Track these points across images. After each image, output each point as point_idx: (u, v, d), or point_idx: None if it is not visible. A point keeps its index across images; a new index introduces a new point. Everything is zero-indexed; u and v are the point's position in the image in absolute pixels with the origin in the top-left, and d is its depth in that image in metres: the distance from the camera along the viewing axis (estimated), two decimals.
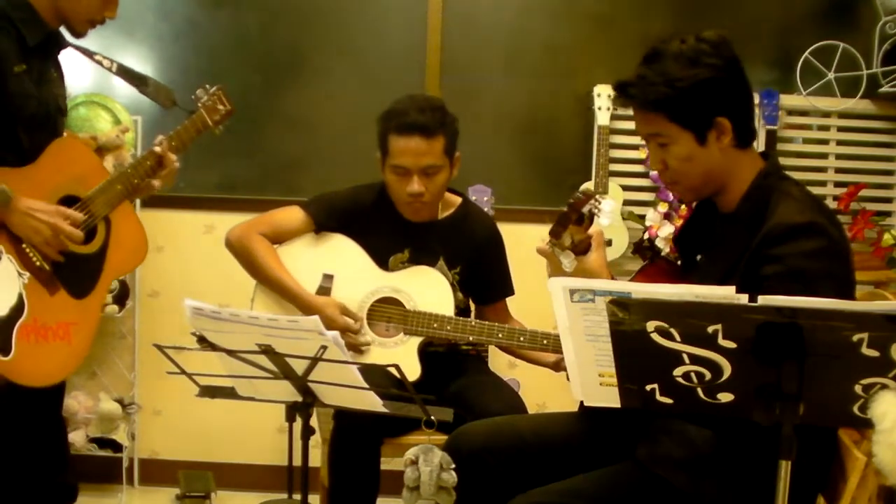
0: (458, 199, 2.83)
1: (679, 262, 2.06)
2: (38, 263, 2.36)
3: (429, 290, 2.67)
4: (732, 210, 1.86)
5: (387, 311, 2.68)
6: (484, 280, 2.81)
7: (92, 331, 2.48)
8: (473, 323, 2.62)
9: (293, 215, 2.75)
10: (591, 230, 1.85)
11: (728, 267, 1.78)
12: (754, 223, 1.77)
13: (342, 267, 2.71)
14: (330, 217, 2.75)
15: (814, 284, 1.64)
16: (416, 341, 2.64)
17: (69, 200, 2.44)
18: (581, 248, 1.86)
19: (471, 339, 2.62)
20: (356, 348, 2.61)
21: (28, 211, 2.33)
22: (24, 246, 2.35)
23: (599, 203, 1.83)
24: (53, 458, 2.69)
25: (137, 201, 3.50)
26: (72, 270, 2.43)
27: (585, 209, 1.82)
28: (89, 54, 2.65)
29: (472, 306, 2.89)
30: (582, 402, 1.98)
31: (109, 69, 2.66)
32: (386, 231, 2.74)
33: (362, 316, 2.67)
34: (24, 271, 2.35)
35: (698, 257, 1.99)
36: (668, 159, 1.86)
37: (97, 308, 2.51)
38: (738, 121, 1.84)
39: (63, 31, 2.54)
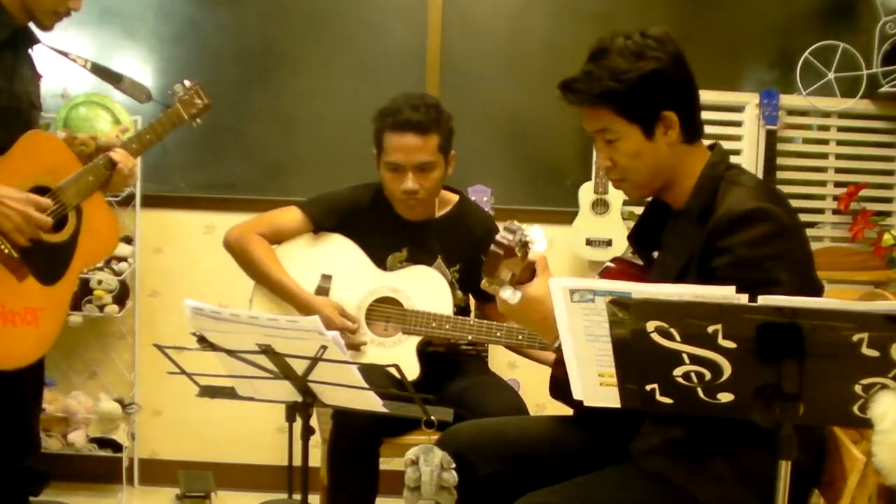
0: (456, 197, 2.84)
1: (637, 259, 2.06)
2: (6, 251, 2.42)
3: (427, 289, 2.67)
4: (683, 205, 1.87)
5: (385, 311, 2.68)
6: (481, 278, 2.81)
7: (62, 316, 2.56)
8: (472, 322, 2.62)
9: (291, 216, 2.76)
10: (532, 256, 1.80)
11: (683, 262, 1.79)
12: (704, 216, 1.78)
13: (340, 267, 2.72)
14: (328, 217, 2.76)
15: (764, 269, 1.66)
16: (414, 340, 2.64)
17: (40, 191, 2.48)
18: (525, 277, 1.79)
19: (469, 338, 2.63)
20: (353, 348, 2.61)
21: None
22: None
23: (527, 234, 1.76)
24: (20, 442, 2.70)
25: (137, 201, 3.51)
26: (41, 257, 2.48)
27: (515, 243, 1.75)
28: (63, 53, 2.68)
29: (473, 305, 2.89)
30: (577, 405, 1.98)
31: (84, 67, 2.69)
32: (384, 230, 2.74)
33: (360, 317, 2.67)
34: None
35: (655, 254, 2.00)
36: (616, 156, 1.86)
37: (67, 294, 2.57)
38: (685, 114, 1.84)
39: (33, 28, 2.56)
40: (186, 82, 2.70)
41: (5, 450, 2.67)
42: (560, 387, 1.66)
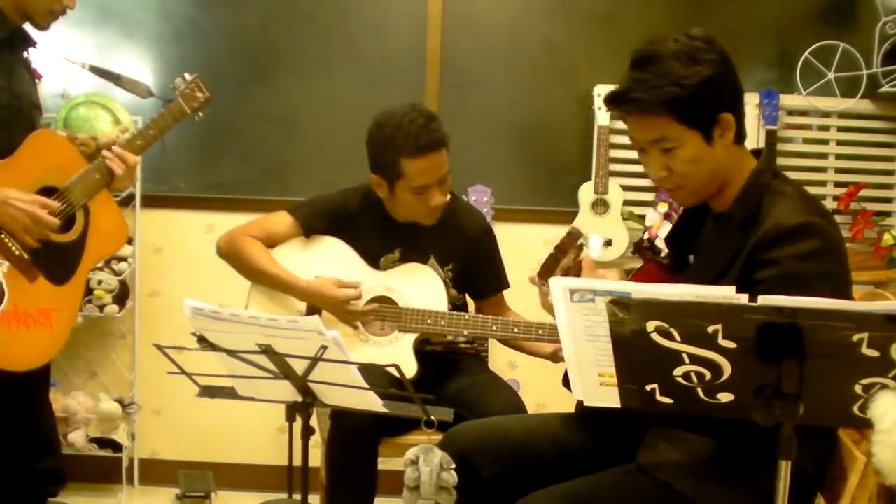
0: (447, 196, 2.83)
1: (669, 263, 2.04)
2: (17, 252, 2.42)
3: (421, 287, 2.68)
4: (725, 209, 1.84)
5: (380, 310, 2.68)
6: (478, 275, 2.82)
7: (73, 315, 2.57)
8: (467, 317, 2.62)
9: (281, 220, 2.76)
10: (581, 255, 1.83)
11: (721, 269, 1.77)
12: (748, 224, 1.76)
13: (333, 268, 2.71)
14: (318, 220, 2.75)
15: (810, 286, 1.61)
16: (410, 338, 2.64)
17: (48, 191, 2.49)
18: (572, 274, 1.84)
19: (465, 333, 2.63)
20: (361, 315, 2.62)
21: (6, 200, 2.39)
22: (2, 236, 2.40)
23: (588, 239, 1.80)
24: (35, 443, 2.71)
25: (138, 201, 3.51)
26: (51, 258, 2.48)
27: (574, 248, 1.80)
28: (62, 57, 2.69)
29: (469, 303, 2.89)
30: (578, 405, 1.98)
31: (82, 67, 2.70)
32: (375, 232, 2.74)
33: (359, 283, 2.67)
34: (3, 260, 2.41)
35: (690, 257, 1.98)
36: (674, 164, 1.82)
37: (78, 293, 2.58)
38: (738, 115, 1.84)
39: (29, 28, 2.56)
40: (187, 76, 2.70)
41: (22, 451, 2.67)
42: None
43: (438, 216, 2.72)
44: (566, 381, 1.90)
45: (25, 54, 2.61)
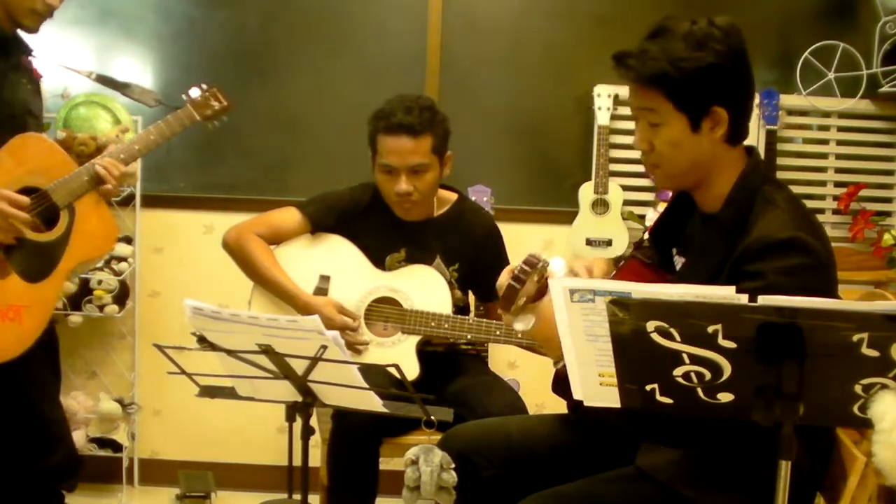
0: (454, 196, 2.84)
1: (651, 259, 2.00)
2: None
3: (426, 288, 2.68)
4: (714, 210, 1.81)
5: (384, 311, 2.68)
6: (484, 276, 2.81)
7: (46, 314, 2.56)
8: (471, 321, 2.63)
9: (290, 216, 2.76)
10: (546, 276, 1.77)
11: (709, 276, 1.75)
12: (736, 231, 1.74)
13: (339, 267, 2.72)
14: (326, 217, 2.76)
15: None
16: (413, 340, 2.64)
17: (28, 192, 2.48)
18: (542, 294, 1.77)
19: (469, 336, 2.63)
20: (354, 347, 2.61)
21: None
22: None
23: (548, 265, 1.75)
24: (40, 441, 2.71)
25: (137, 201, 3.51)
26: (25, 255, 2.48)
27: (535, 278, 1.75)
28: (68, 66, 2.69)
29: (472, 304, 2.89)
30: (571, 405, 1.98)
31: (89, 77, 2.71)
32: (382, 230, 2.75)
33: (360, 314, 2.68)
34: None
35: (674, 251, 1.96)
36: (656, 140, 1.80)
37: (53, 292, 2.57)
38: (736, 113, 1.79)
39: (26, 37, 2.56)
40: (204, 85, 2.71)
41: (26, 450, 2.67)
42: (562, 383, 1.65)
43: (413, 211, 2.72)
44: (555, 388, 1.88)
45: (27, 59, 2.60)
